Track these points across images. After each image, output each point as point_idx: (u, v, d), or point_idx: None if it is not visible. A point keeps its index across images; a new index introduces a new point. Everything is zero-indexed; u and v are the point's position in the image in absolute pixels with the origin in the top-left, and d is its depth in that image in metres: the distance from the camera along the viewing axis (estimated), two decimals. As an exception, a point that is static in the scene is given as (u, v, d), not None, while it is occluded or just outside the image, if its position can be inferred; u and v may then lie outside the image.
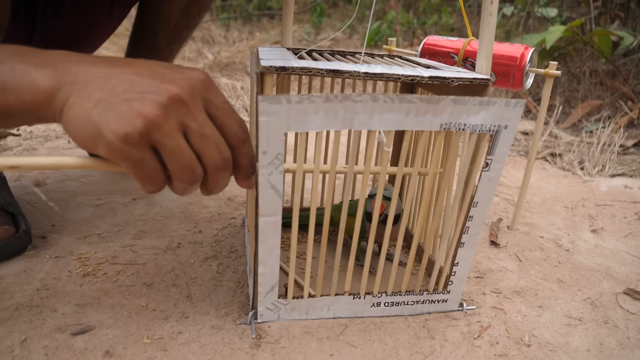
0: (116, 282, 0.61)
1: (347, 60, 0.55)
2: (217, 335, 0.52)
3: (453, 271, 0.56)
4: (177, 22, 0.90)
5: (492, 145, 0.48)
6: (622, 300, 0.64)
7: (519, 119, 0.48)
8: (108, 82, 0.38)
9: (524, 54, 0.70)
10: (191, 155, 0.40)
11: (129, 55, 0.96)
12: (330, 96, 0.42)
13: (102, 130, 0.36)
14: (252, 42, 2.58)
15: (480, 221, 0.53)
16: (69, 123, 0.37)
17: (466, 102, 0.45)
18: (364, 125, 0.44)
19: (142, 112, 0.37)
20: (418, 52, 0.80)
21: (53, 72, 0.38)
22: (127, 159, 0.37)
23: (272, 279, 0.51)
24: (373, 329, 0.55)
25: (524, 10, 2.15)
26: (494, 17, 0.49)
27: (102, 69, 0.38)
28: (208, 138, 0.40)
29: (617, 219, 0.90)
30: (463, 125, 0.46)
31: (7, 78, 0.37)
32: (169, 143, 0.38)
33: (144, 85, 0.38)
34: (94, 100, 0.37)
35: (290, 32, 0.64)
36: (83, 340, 0.50)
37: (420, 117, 0.44)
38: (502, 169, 0.49)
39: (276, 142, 0.43)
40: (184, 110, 0.38)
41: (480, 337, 0.55)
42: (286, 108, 0.41)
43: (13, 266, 0.63)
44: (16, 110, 0.37)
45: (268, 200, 0.46)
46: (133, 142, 0.37)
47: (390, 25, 2.99)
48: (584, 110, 1.51)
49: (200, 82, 0.40)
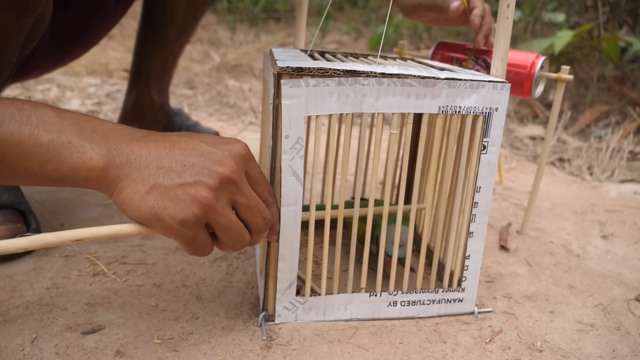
0: (126, 281, 0.61)
1: (361, 62, 0.54)
2: (227, 337, 0.52)
3: (465, 265, 0.56)
4: (185, 13, 0.92)
5: (486, 127, 0.52)
6: (634, 307, 0.63)
7: (507, 101, 0.51)
8: (160, 165, 0.40)
9: (535, 62, 0.70)
10: (241, 226, 0.43)
11: (139, 52, 0.97)
12: (342, 80, 0.46)
13: (159, 215, 0.40)
14: (258, 45, 2.59)
15: (486, 208, 0.55)
16: (123, 204, 0.40)
17: (459, 85, 0.49)
18: (372, 108, 0.48)
19: (197, 197, 0.40)
20: (430, 53, 0.80)
21: (107, 152, 0.40)
22: (183, 237, 0.41)
23: (291, 275, 0.51)
24: (384, 332, 0.54)
25: (531, 15, 2.14)
26: (510, 21, 0.49)
27: (152, 150, 0.41)
28: (253, 208, 0.44)
29: (627, 225, 0.89)
30: (458, 108, 0.50)
31: (64, 151, 0.38)
32: (222, 220, 0.42)
33: (195, 168, 0.41)
34: (149, 185, 0.40)
35: (303, 33, 0.64)
36: (93, 340, 0.50)
37: (420, 100, 0.49)
38: (498, 152, 0.53)
39: (297, 125, 0.46)
40: (233, 189, 0.42)
41: (492, 341, 0.54)
42: (305, 91, 0.45)
43: (23, 264, 0.63)
44: (66, 181, 0.39)
45: (290, 187, 0.48)
46: (190, 225, 0.40)
47: (397, 29, 2.99)
48: (593, 116, 1.50)
49: (242, 157, 0.43)
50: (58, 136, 0.38)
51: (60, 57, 0.86)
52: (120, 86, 1.73)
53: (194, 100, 1.62)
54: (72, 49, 0.85)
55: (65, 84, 1.69)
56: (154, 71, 0.97)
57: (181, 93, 1.70)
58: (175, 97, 1.63)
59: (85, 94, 1.61)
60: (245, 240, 0.44)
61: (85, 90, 1.65)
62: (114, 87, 1.73)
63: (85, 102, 1.50)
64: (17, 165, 0.38)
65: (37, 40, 0.61)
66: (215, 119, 1.43)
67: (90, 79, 1.82)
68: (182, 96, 1.66)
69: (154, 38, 0.94)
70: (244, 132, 1.32)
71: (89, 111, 1.42)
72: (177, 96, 1.65)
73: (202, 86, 1.78)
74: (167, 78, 1.01)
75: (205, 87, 1.77)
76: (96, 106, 1.48)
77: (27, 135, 0.37)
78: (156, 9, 0.92)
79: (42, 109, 0.39)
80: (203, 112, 1.49)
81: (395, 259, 0.55)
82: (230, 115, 1.47)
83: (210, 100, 1.63)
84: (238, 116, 1.47)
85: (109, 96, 1.61)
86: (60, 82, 1.71)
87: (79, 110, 1.42)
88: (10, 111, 0.38)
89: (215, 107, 1.55)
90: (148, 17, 0.94)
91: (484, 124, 0.51)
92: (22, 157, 0.37)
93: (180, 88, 1.75)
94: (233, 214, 0.43)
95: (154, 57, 0.96)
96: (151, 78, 0.97)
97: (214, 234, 0.44)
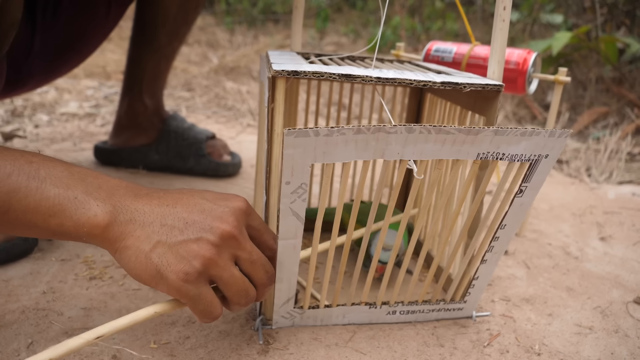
0: (122, 285, 0.61)
1: (357, 65, 0.54)
2: (224, 341, 0.52)
3: (472, 284, 0.55)
4: (176, 16, 0.91)
5: (529, 173, 0.45)
6: (632, 309, 0.63)
7: (562, 148, 0.44)
8: (163, 223, 0.41)
9: (527, 59, 0.70)
10: (245, 281, 0.44)
11: (131, 57, 0.97)
12: (362, 128, 0.39)
13: (163, 272, 0.40)
14: (257, 47, 2.59)
15: (506, 241, 0.51)
16: (127, 263, 0.41)
17: (508, 132, 0.42)
18: (396, 156, 0.42)
19: (199, 252, 0.41)
20: (422, 56, 0.80)
21: (112, 209, 0.40)
22: (187, 295, 0.41)
23: (289, 293, 0.50)
24: (382, 336, 0.54)
25: (529, 16, 2.15)
26: (506, 23, 0.49)
27: (155, 208, 0.42)
28: (255, 263, 0.44)
29: (626, 227, 0.89)
30: (502, 155, 0.44)
31: (70, 206, 0.39)
32: (225, 275, 0.42)
33: (197, 225, 0.42)
34: (152, 243, 0.40)
35: (299, 36, 0.64)
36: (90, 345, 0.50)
37: (458, 146, 0.42)
38: (535, 194, 0.47)
39: (301, 173, 0.41)
40: (234, 244, 0.43)
41: (490, 345, 0.54)
42: (313, 141, 0.39)
43: (19, 268, 0.63)
44: (68, 235, 0.40)
45: (289, 226, 0.45)
46: (192, 280, 0.40)
47: (395, 30, 2.99)
48: (591, 117, 1.50)
49: (242, 212, 0.44)
50: (64, 191, 0.39)
51: (55, 68, 0.85)
52: (118, 88, 1.73)
53: (192, 102, 1.62)
54: (67, 59, 0.85)
55: (63, 87, 1.69)
56: (147, 76, 0.96)
57: (179, 95, 1.69)
58: (173, 99, 1.63)
59: (83, 97, 1.60)
60: (250, 294, 0.45)
61: (83, 93, 1.65)
62: (112, 89, 1.72)
63: (82, 105, 1.50)
64: (20, 218, 0.38)
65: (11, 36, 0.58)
66: (213, 121, 1.42)
67: (88, 81, 1.82)
68: (180, 98, 1.66)
69: (146, 42, 0.94)
70: (241, 135, 1.31)
71: (87, 114, 1.42)
72: (175, 98, 1.65)
73: (200, 88, 1.78)
74: (161, 82, 1.00)
75: (203, 89, 1.77)
76: (94, 109, 1.48)
77: (34, 188, 0.38)
78: (147, 13, 0.91)
79: (50, 162, 0.40)
80: (201, 114, 1.49)
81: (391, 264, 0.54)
82: (228, 118, 1.47)
83: (208, 102, 1.63)
84: (236, 118, 1.47)
85: (106, 98, 1.61)
86: (58, 85, 1.70)
87: (77, 113, 1.41)
88: (20, 163, 0.38)
89: (213, 110, 1.54)
90: (139, 22, 0.94)
91: (528, 170, 0.45)
92: (27, 210, 0.38)
93: (178, 90, 1.75)
94: (236, 269, 0.43)
95: (146, 62, 0.95)
96: (144, 83, 0.97)
97: (222, 297, 0.44)
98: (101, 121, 1.37)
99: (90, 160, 1.03)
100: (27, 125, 1.27)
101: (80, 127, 1.30)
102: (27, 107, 1.43)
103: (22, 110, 1.40)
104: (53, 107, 1.45)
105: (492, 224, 0.50)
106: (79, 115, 1.40)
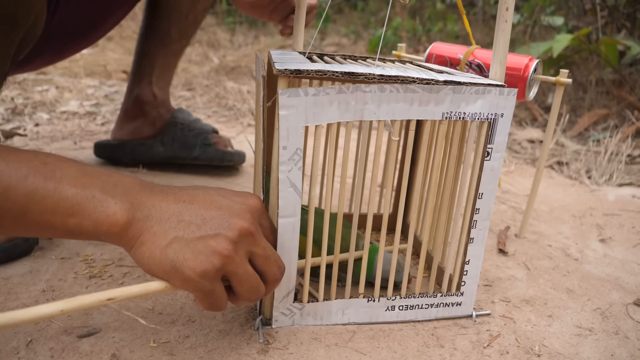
0: (122, 284, 0.60)
1: (359, 64, 0.54)
2: (224, 340, 0.51)
3: (465, 270, 0.56)
4: (187, 15, 0.94)
5: (491, 134, 0.50)
6: (632, 311, 0.63)
7: (513, 107, 0.50)
8: (180, 219, 0.41)
9: (528, 65, 0.70)
10: (257, 278, 0.44)
11: (141, 50, 0.98)
12: (343, 87, 0.44)
13: (178, 267, 0.40)
14: (257, 47, 2.59)
15: (487, 214, 0.54)
16: (142, 258, 0.41)
17: (464, 90, 0.48)
18: (373, 116, 0.47)
19: (217, 248, 0.41)
20: (425, 55, 0.80)
21: (130, 206, 0.40)
22: (200, 290, 0.41)
23: (289, 285, 0.51)
24: (382, 336, 0.54)
25: (530, 18, 2.15)
26: (509, 24, 0.49)
27: (171, 204, 0.42)
28: (270, 259, 0.45)
29: (626, 229, 0.89)
30: (463, 114, 0.49)
31: (88, 205, 0.39)
32: (240, 271, 0.43)
33: (215, 221, 0.42)
34: (169, 238, 0.40)
35: (302, 36, 0.64)
36: (89, 343, 0.50)
37: (424, 106, 0.48)
38: (502, 158, 0.52)
39: (295, 136, 0.45)
40: (251, 240, 0.43)
41: (490, 346, 0.54)
42: (304, 100, 0.44)
43: (19, 267, 0.62)
44: (86, 235, 0.39)
45: (287, 199, 0.47)
46: (209, 277, 0.41)
47: (396, 31, 2.99)
48: (591, 119, 1.50)
49: (257, 210, 0.45)
50: (82, 190, 0.39)
51: (64, 50, 0.87)
52: (119, 87, 1.73)
53: (193, 102, 1.62)
54: (77, 42, 0.86)
55: (64, 85, 1.69)
56: (157, 69, 0.98)
57: (180, 95, 1.69)
58: (174, 98, 1.63)
59: (84, 95, 1.60)
60: (261, 291, 0.45)
61: (83, 92, 1.64)
62: (113, 88, 1.72)
63: (83, 104, 1.49)
64: (38, 219, 0.38)
65: (29, 47, 0.61)
66: (213, 121, 1.42)
67: (89, 80, 1.81)
68: (180, 98, 1.66)
69: (159, 37, 0.95)
70: (242, 134, 1.31)
71: (87, 112, 1.41)
72: (176, 98, 1.65)
73: (201, 88, 1.78)
74: (168, 77, 1.02)
75: (203, 89, 1.77)
76: (94, 107, 1.48)
77: (52, 189, 0.37)
78: (162, 9, 0.94)
79: (64, 162, 0.40)
80: (201, 113, 1.48)
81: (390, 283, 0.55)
82: (228, 117, 1.47)
83: (208, 102, 1.63)
84: (236, 118, 1.47)
85: (107, 97, 1.61)
86: (58, 83, 1.70)
87: (78, 111, 1.41)
88: (35, 165, 0.38)
89: (214, 109, 1.54)
90: (153, 16, 0.95)
91: (489, 130, 0.50)
92: (45, 211, 0.37)
93: (179, 90, 1.75)
94: (249, 265, 0.44)
95: (157, 56, 0.97)
96: (154, 75, 0.98)
97: (228, 288, 0.44)
98: (101, 120, 1.37)
99: (91, 159, 1.03)
100: (28, 123, 1.27)
101: (81, 125, 1.30)
102: (27, 106, 1.42)
103: (23, 108, 1.39)
104: (54, 106, 1.45)
105: (469, 193, 0.53)
106: (80, 114, 1.40)
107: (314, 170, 0.48)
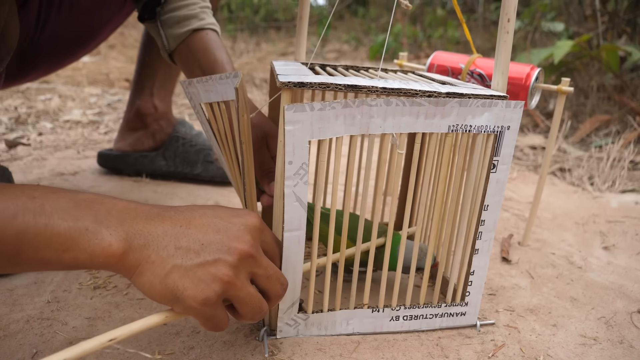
0: (127, 295, 0.61)
1: (362, 75, 0.55)
2: (229, 351, 0.51)
3: (470, 281, 0.56)
4: None
5: (497, 146, 0.51)
6: (637, 320, 0.63)
7: (520, 120, 0.50)
8: (178, 246, 0.40)
9: (530, 74, 0.70)
10: (260, 298, 0.44)
11: (142, 60, 0.98)
12: (349, 102, 0.45)
13: (179, 296, 0.40)
14: (259, 54, 2.60)
15: (492, 226, 0.54)
16: (143, 288, 0.40)
17: (470, 103, 0.48)
18: (379, 129, 0.47)
19: (217, 275, 0.40)
20: (427, 64, 0.80)
21: (126, 235, 0.39)
22: (203, 316, 0.41)
23: (293, 296, 0.51)
24: (386, 346, 0.54)
25: (530, 24, 2.15)
26: (510, 35, 0.49)
27: (168, 230, 0.41)
28: (272, 277, 0.44)
29: (629, 236, 0.89)
30: (469, 127, 0.49)
31: (82, 239, 0.37)
32: (242, 294, 0.42)
33: (214, 246, 0.41)
34: (168, 268, 0.39)
35: (304, 46, 0.64)
36: (94, 355, 0.50)
37: (430, 119, 0.47)
38: (508, 170, 0.52)
39: (301, 150, 0.45)
40: (252, 262, 0.42)
41: (495, 356, 0.54)
42: (309, 115, 0.44)
43: (24, 278, 0.63)
44: (85, 266, 0.39)
45: (293, 213, 0.47)
46: (211, 304, 0.40)
47: (397, 38, 3.00)
48: (593, 125, 1.50)
49: (257, 229, 0.44)
50: (74, 224, 0.37)
51: (60, 61, 0.86)
52: (122, 96, 1.74)
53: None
54: (73, 52, 0.86)
55: (67, 94, 1.69)
56: (158, 80, 0.97)
57: (182, 103, 1.70)
58: (177, 107, 1.63)
59: (87, 104, 1.61)
60: (263, 310, 0.44)
61: (86, 100, 1.65)
62: (115, 97, 1.73)
63: (86, 112, 1.50)
64: (33, 257, 0.37)
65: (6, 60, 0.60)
66: (216, 129, 1.43)
67: (92, 88, 1.82)
68: (183, 106, 1.66)
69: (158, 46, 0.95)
70: (244, 142, 1.32)
71: (90, 121, 1.42)
72: (178, 106, 1.65)
73: (203, 96, 1.78)
74: (170, 87, 1.01)
75: (206, 97, 1.77)
76: (97, 116, 1.48)
77: (43, 226, 0.36)
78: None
79: (53, 194, 0.38)
80: (204, 122, 1.49)
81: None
82: (231, 125, 1.47)
83: (211, 110, 1.63)
84: (239, 126, 1.47)
85: (110, 106, 1.61)
86: (61, 92, 1.71)
87: (81, 120, 1.42)
88: (23, 201, 0.36)
89: (216, 117, 1.55)
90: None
91: (495, 142, 0.50)
92: (38, 248, 0.36)
93: (182, 98, 1.75)
94: (252, 287, 0.43)
95: (158, 66, 0.97)
96: (155, 86, 0.98)
97: (230, 306, 0.44)
98: (104, 129, 1.37)
99: (94, 168, 1.04)
100: (31, 132, 1.28)
101: (84, 134, 1.30)
102: (30, 115, 1.43)
103: (26, 117, 1.40)
104: (57, 115, 1.46)
105: (475, 205, 0.53)
106: (83, 123, 1.40)
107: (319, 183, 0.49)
